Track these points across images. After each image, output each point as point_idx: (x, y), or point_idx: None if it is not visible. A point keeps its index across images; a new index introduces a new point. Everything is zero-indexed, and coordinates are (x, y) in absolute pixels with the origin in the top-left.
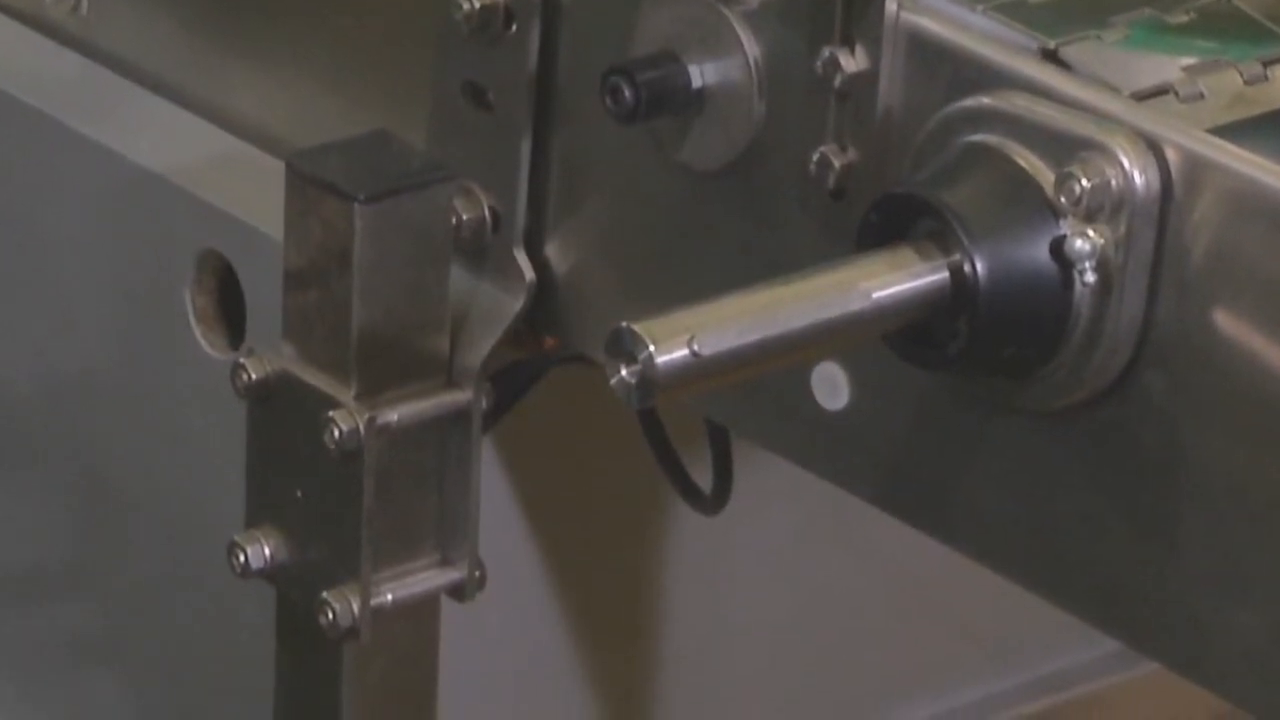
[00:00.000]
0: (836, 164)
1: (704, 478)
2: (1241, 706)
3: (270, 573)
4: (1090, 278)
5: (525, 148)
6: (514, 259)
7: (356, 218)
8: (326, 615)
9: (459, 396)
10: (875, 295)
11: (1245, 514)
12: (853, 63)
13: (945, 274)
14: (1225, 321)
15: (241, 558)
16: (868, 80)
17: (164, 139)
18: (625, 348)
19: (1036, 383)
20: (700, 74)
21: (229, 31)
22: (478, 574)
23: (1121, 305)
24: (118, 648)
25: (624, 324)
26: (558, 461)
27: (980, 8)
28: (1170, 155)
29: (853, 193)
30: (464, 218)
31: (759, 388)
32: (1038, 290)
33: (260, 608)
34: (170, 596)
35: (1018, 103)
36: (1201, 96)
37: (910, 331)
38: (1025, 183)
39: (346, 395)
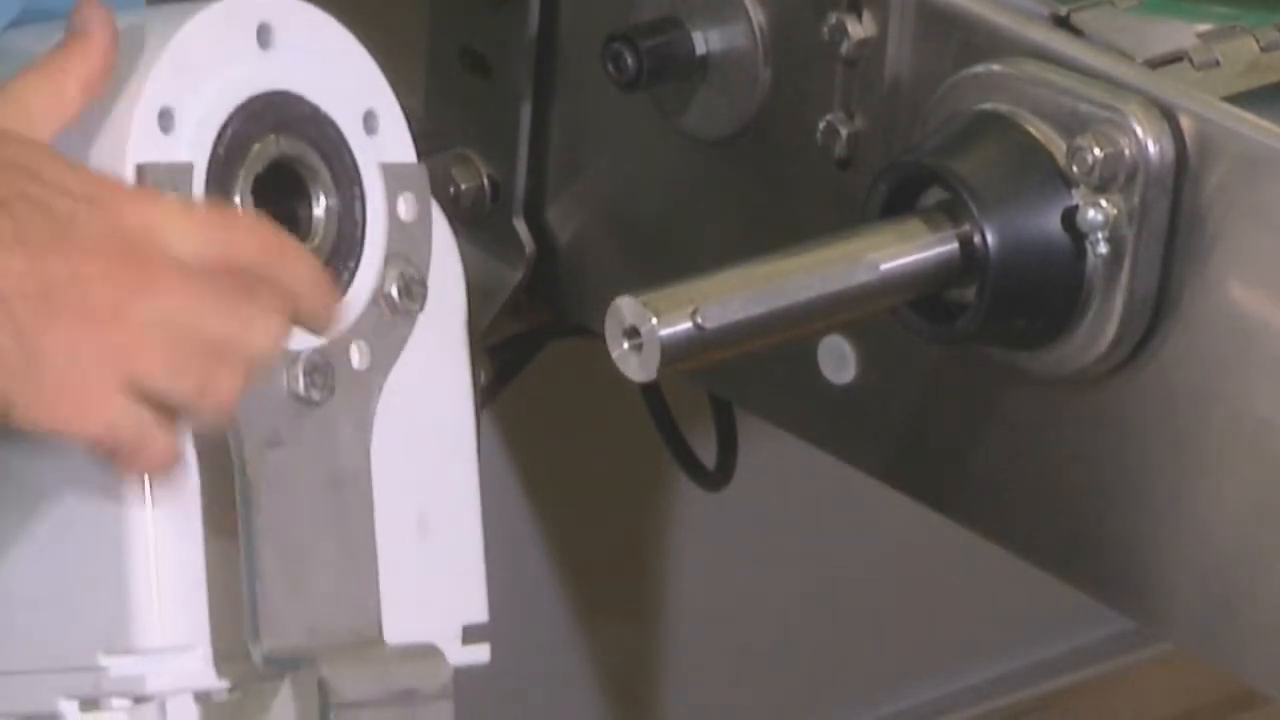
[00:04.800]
0: (843, 132)
1: (708, 453)
2: (1258, 685)
3: None
4: (1103, 248)
5: (525, 116)
6: (513, 229)
7: None
8: None
9: None
10: (883, 267)
11: (1265, 487)
12: (860, 29)
13: (955, 245)
14: (1241, 290)
15: None
16: (875, 47)
17: None
18: (628, 321)
19: (1049, 354)
20: (704, 40)
21: None
22: None
23: (1135, 275)
24: None
25: (626, 296)
26: (558, 437)
27: None
28: (1185, 124)
29: (860, 162)
30: (462, 187)
31: (764, 361)
32: (1049, 261)
33: None
34: None
35: (1029, 70)
36: (1217, 64)
37: (919, 304)
38: (1037, 152)
39: None
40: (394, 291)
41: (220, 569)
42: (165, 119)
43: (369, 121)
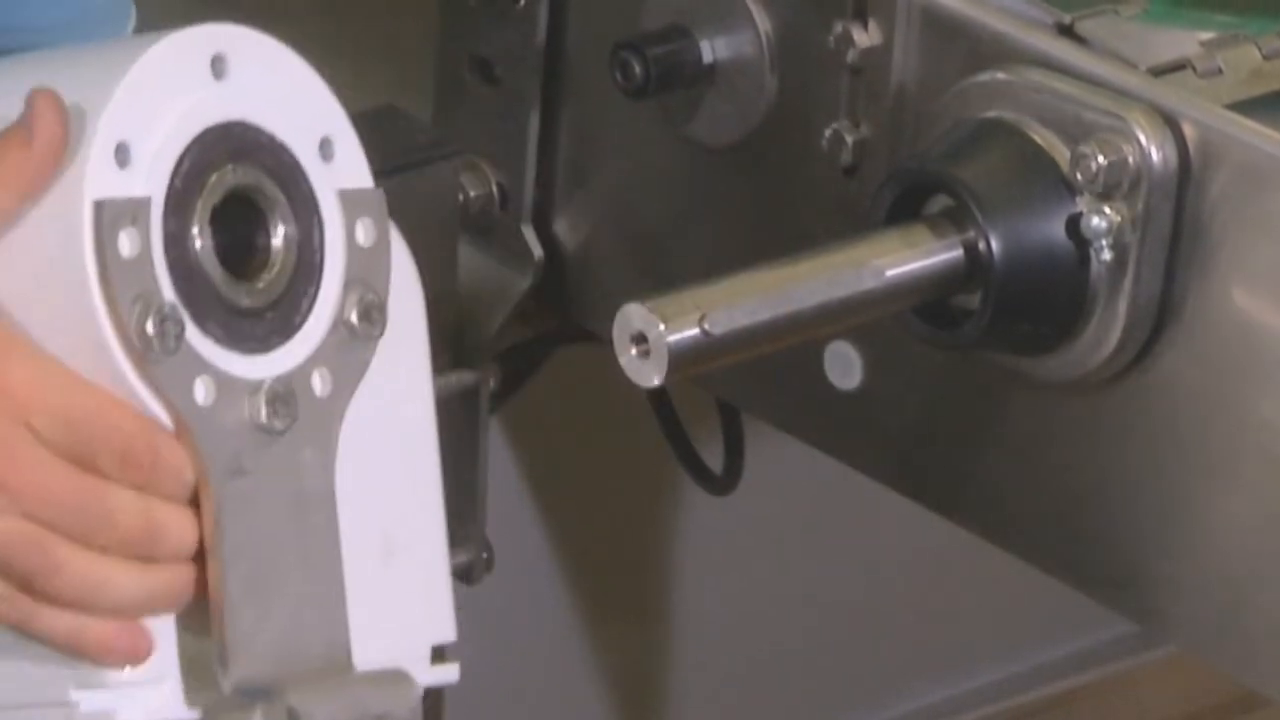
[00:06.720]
0: (849, 140)
1: (715, 458)
2: (1262, 689)
3: None
4: (1106, 255)
5: (533, 123)
6: (522, 236)
7: None
8: None
9: (466, 376)
10: (888, 273)
11: (1269, 492)
12: (866, 37)
13: (959, 251)
14: (1245, 297)
15: None
16: (881, 55)
17: None
18: (635, 327)
19: (1053, 360)
20: (711, 48)
21: (230, 2)
22: (485, 556)
23: (1138, 282)
24: None
25: (633, 302)
26: (566, 442)
27: None
28: (1188, 131)
29: (865, 169)
30: (471, 194)
31: (771, 367)
32: (1053, 268)
33: None
34: None
35: (1033, 78)
36: (1219, 72)
37: (924, 310)
38: (1041, 159)
39: None
40: (353, 317)
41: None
42: (121, 153)
43: (325, 148)
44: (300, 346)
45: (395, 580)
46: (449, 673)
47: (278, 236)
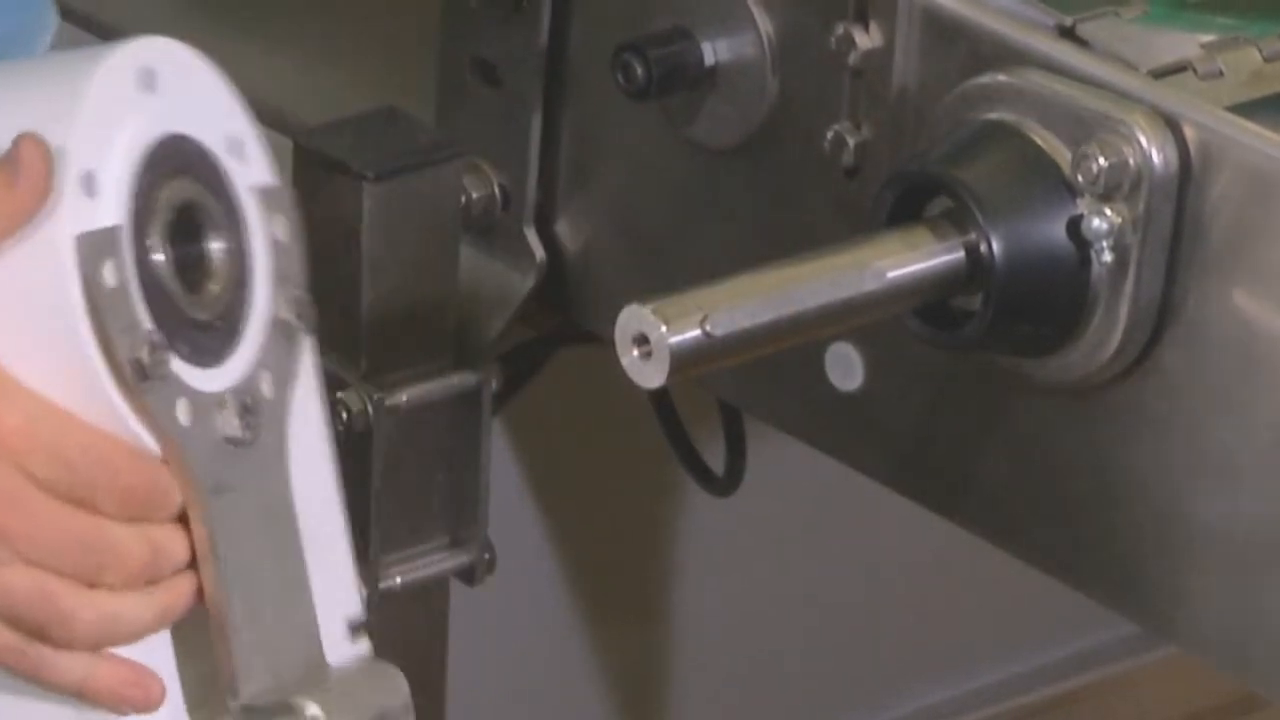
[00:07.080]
0: (850, 142)
1: (716, 459)
2: (1262, 691)
3: None
4: (1107, 257)
5: (535, 125)
6: (524, 237)
7: (365, 196)
8: None
9: (468, 377)
10: (890, 275)
11: (1271, 494)
12: (867, 39)
13: (961, 253)
14: (1245, 299)
15: None
16: (882, 57)
17: None
18: (637, 328)
19: (1054, 361)
20: (713, 51)
21: (230, 3)
22: (487, 557)
23: (1139, 284)
24: None
25: (635, 304)
26: (568, 443)
27: None
28: (1188, 133)
29: (867, 171)
30: (473, 196)
31: (772, 368)
32: (1054, 270)
33: None
34: None
35: (1034, 80)
36: (1220, 74)
37: (926, 311)
38: (1042, 161)
39: (355, 376)
40: (290, 316)
41: (183, 623)
42: (89, 183)
43: (239, 149)
44: (247, 352)
45: (314, 568)
46: (362, 647)
47: (218, 245)
